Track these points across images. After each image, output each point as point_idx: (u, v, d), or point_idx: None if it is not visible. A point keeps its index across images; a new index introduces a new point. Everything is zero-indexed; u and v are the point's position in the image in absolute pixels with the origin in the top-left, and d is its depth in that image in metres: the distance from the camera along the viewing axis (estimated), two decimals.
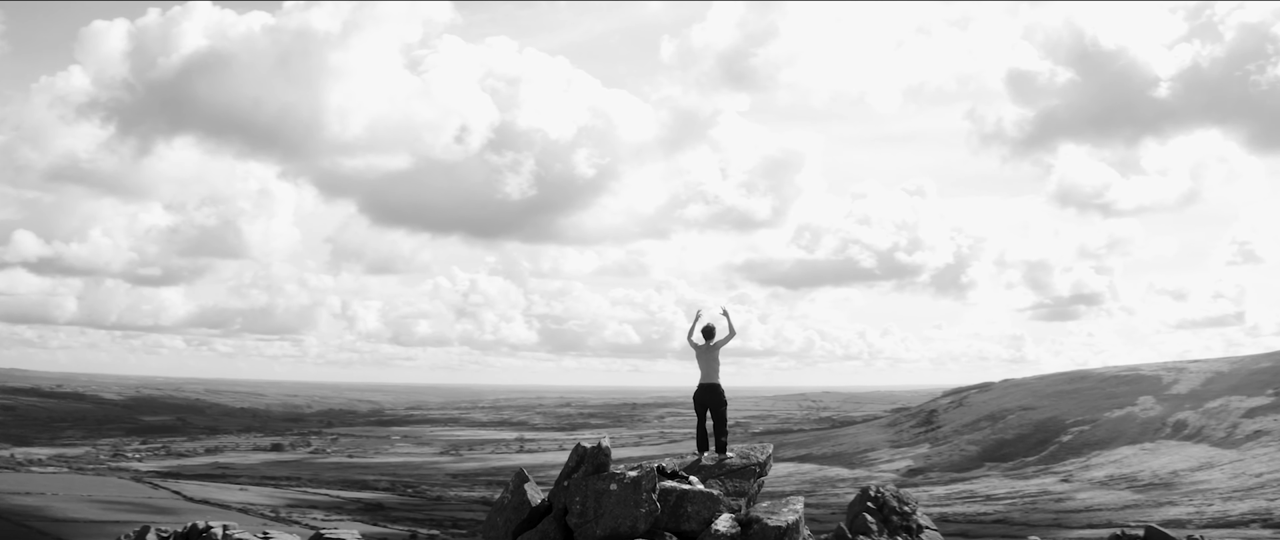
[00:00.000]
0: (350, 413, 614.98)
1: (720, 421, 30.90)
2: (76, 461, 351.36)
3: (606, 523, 25.92)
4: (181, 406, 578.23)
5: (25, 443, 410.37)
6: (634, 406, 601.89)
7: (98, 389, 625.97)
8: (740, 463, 29.28)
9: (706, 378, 30.92)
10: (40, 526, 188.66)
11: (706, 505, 26.32)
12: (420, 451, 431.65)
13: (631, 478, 26.62)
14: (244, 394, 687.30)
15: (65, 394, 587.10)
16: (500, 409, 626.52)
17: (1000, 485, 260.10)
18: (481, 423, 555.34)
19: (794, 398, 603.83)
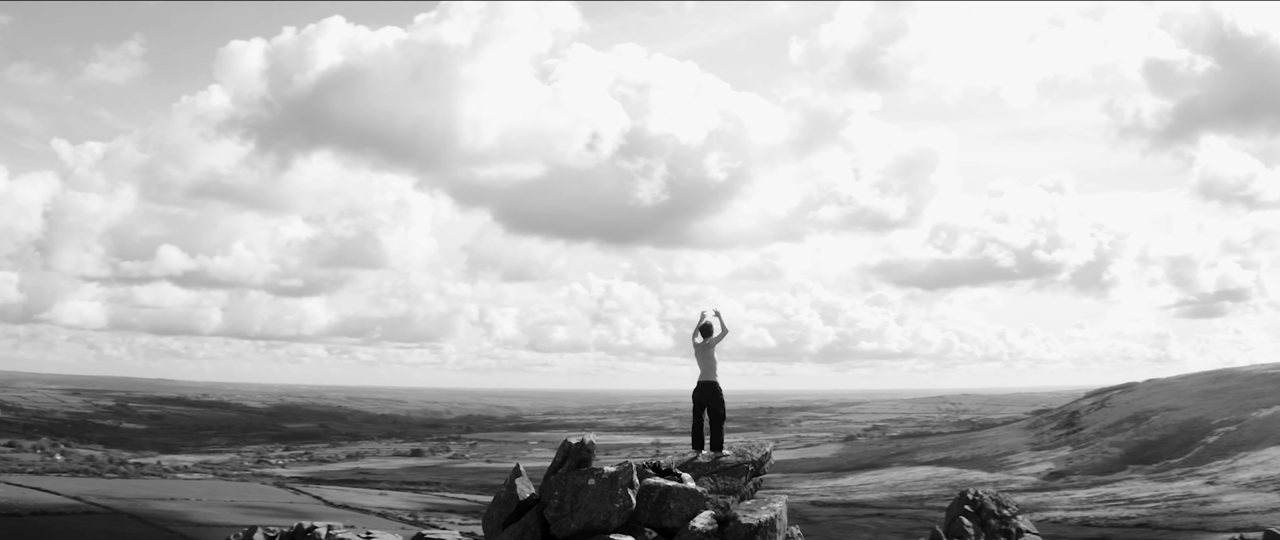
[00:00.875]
0: (488, 418, 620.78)
1: (716, 419, 30.33)
2: (221, 468, 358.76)
3: (581, 517, 25.77)
4: (323, 414, 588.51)
5: (172, 450, 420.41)
6: (770, 410, 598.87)
7: (242, 397, 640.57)
8: (735, 461, 29.00)
9: (704, 375, 30.28)
10: (182, 530, 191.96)
11: (689, 502, 25.96)
12: None
13: (608, 474, 26.35)
14: (384, 401, 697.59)
15: (211, 403, 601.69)
16: (637, 414, 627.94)
17: (1143, 488, 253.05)
18: (618, 427, 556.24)
19: (932, 400, 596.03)
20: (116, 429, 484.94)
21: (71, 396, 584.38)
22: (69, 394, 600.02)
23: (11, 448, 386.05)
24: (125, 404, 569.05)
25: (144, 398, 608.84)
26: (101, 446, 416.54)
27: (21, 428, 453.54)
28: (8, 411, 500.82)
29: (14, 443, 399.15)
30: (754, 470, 29.19)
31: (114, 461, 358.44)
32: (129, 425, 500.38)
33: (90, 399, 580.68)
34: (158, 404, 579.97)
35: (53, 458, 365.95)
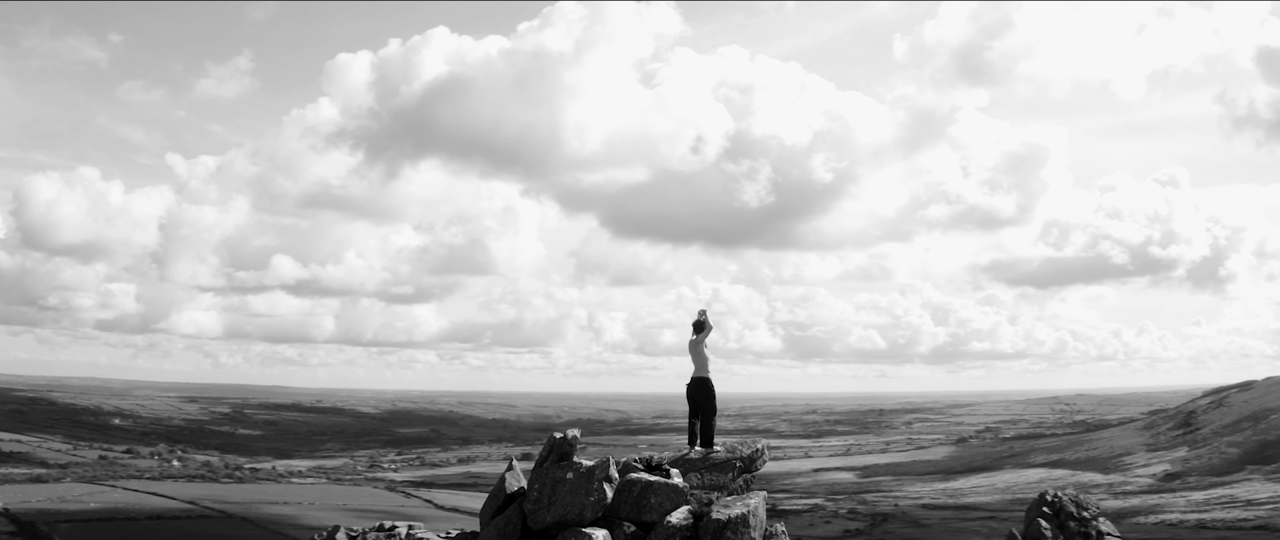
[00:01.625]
0: (598, 422, 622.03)
1: (706, 415, 29.97)
2: (334, 472, 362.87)
3: (557, 510, 25.84)
4: (435, 418, 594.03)
5: (287, 455, 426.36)
6: (881, 413, 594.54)
7: (355, 403, 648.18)
8: (724, 457, 28.72)
9: (696, 372, 30.02)
10: (292, 533, 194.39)
11: (669, 497, 25.86)
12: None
13: (586, 468, 26.50)
14: (495, 405, 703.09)
15: (325, 409, 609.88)
16: (745, 416, 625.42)
17: (1262, 489, 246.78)
18: (726, 431, 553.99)
19: (1046, 401, 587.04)
20: (232, 435, 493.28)
21: (188, 404, 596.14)
22: (186, 401, 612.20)
23: (130, 454, 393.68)
24: (241, 410, 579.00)
25: (259, 404, 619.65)
26: (218, 452, 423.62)
27: (140, 435, 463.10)
28: (126, 419, 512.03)
29: (132, 449, 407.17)
30: (744, 467, 28.68)
31: (230, 467, 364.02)
32: (245, 431, 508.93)
33: (207, 406, 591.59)
34: (273, 410, 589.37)
35: (170, 464, 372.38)
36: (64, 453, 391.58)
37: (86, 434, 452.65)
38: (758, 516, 24.97)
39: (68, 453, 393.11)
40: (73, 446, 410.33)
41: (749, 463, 28.90)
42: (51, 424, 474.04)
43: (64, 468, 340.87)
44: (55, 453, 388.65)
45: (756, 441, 29.75)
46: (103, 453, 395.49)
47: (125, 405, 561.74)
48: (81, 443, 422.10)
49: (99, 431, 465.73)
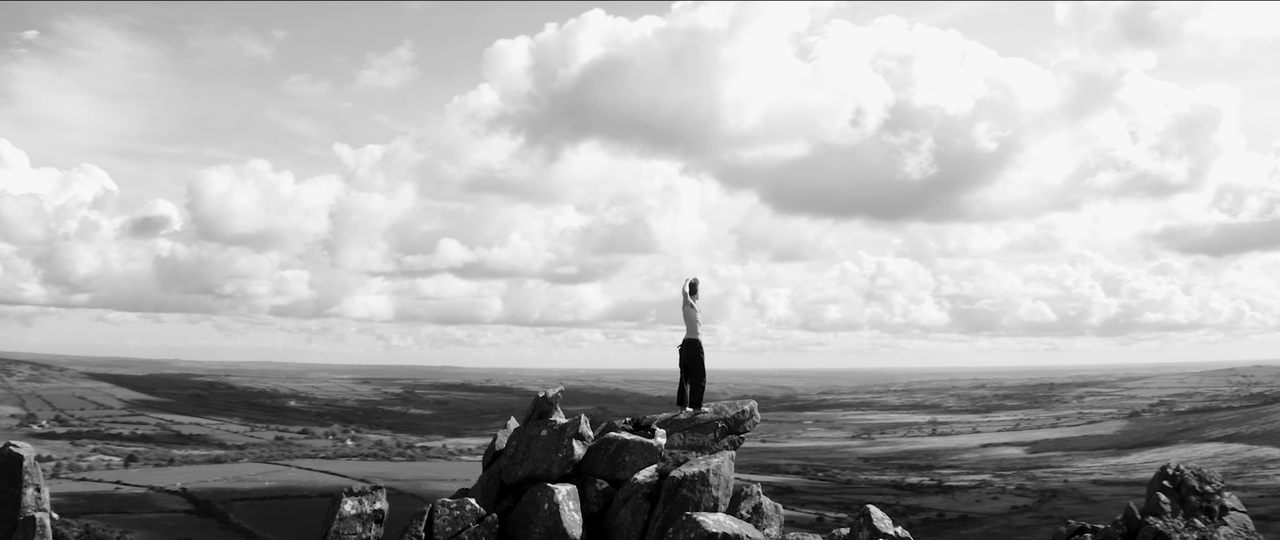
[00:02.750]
0: (763, 398, 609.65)
1: (695, 377, 30.29)
2: None
3: (528, 466, 25.93)
4: (602, 396, 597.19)
5: (457, 434, 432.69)
6: (1051, 387, 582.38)
7: (524, 382, 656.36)
8: (708, 418, 28.78)
9: (687, 333, 30.39)
10: None
11: (643, 456, 25.86)
12: (832, 436, 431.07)
13: (558, 426, 26.66)
14: (661, 382, 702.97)
15: (493, 388, 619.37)
16: (913, 392, 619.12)
17: None
18: (894, 406, 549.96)
19: (1222, 373, 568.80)
20: (404, 415, 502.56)
21: (361, 385, 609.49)
22: (359, 383, 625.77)
23: (305, 435, 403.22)
24: (412, 391, 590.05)
25: (430, 384, 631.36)
26: (390, 431, 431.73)
27: (314, 416, 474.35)
28: (301, 401, 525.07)
29: (307, 430, 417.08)
30: (728, 427, 28.64)
31: (402, 445, 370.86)
32: (416, 411, 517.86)
33: (379, 387, 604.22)
34: (443, 390, 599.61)
35: (344, 443, 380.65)
36: (241, 434, 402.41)
37: (263, 416, 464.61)
38: (720, 475, 24.79)
39: (245, 434, 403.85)
40: (250, 428, 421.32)
41: (734, 424, 28.87)
42: (229, 407, 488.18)
43: (241, 449, 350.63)
44: (233, 435, 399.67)
45: (743, 403, 29.69)
46: (278, 434, 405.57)
47: (300, 388, 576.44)
48: (258, 425, 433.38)
49: (275, 414, 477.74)
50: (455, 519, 23.96)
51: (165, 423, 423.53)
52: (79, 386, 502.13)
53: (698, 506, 23.78)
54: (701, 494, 24.23)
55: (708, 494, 24.32)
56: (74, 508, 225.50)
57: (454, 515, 24.04)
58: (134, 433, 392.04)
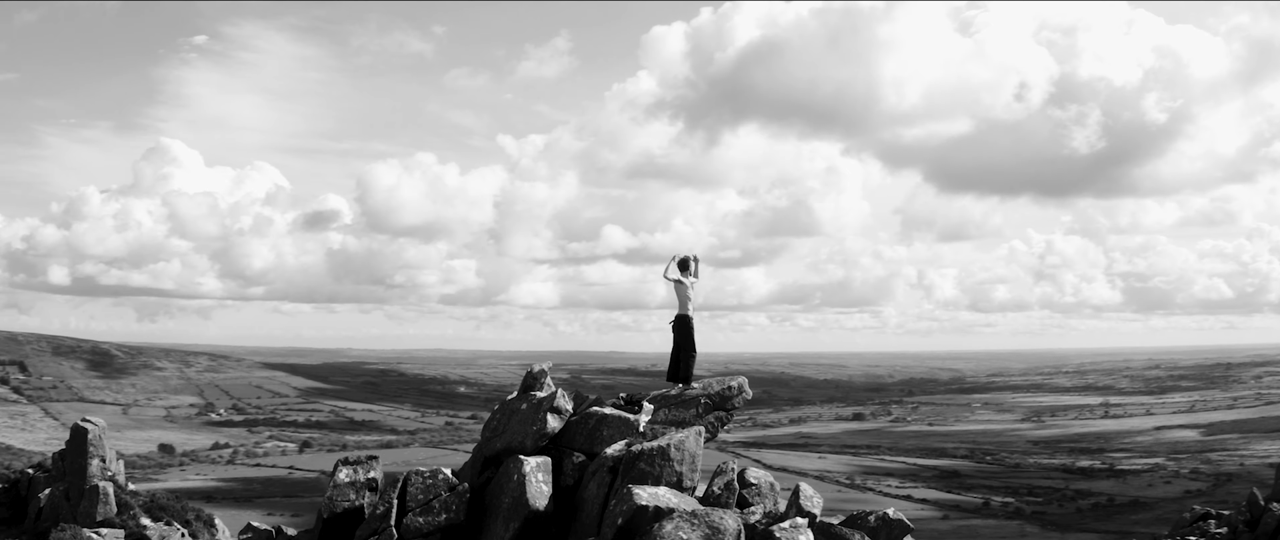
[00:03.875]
0: (931, 381, 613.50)
1: (684, 353, 29.78)
2: None
3: (505, 438, 26.33)
4: (767, 380, 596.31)
5: None
6: (1228, 367, 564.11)
7: None
8: (695, 393, 28.51)
9: (679, 309, 30.28)
10: None
11: (620, 430, 25.99)
12: (1001, 418, 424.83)
13: (536, 400, 26.80)
14: (826, 366, 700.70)
15: (658, 372, 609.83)
16: (1084, 373, 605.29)
17: None
18: (1064, 388, 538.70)
19: None
20: None
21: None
22: (527, 368, 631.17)
23: (474, 420, 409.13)
24: (579, 376, 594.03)
25: (597, 369, 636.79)
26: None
27: (483, 401, 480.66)
28: (471, 387, 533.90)
29: (476, 415, 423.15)
30: (713, 403, 28.31)
31: None
32: None
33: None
34: (609, 375, 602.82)
35: None
36: (412, 420, 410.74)
37: (433, 402, 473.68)
38: (683, 450, 24.43)
39: (416, 420, 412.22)
40: (421, 414, 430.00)
41: (720, 400, 28.47)
42: (401, 394, 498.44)
43: (412, 434, 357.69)
44: (404, 420, 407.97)
45: (731, 380, 29.25)
46: (448, 419, 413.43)
47: (470, 374, 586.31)
48: (429, 410, 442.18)
49: (445, 399, 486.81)
50: (427, 487, 24.65)
51: (339, 410, 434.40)
52: (255, 376, 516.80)
53: (658, 480, 23.66)
54: (662, 468, 24.00)
55: (669, 468, 24.09)
56: (247, 492, 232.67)
57: (426, 484, 24.74)
58: (308, 420, 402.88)
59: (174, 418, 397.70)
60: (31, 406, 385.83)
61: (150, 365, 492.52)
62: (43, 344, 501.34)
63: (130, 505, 32.73)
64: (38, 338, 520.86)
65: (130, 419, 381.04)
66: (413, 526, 23.88)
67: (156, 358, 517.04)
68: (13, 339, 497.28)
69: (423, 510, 24.21)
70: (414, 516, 24.03)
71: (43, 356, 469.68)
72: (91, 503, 32.57)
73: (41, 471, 37.54)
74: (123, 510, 32.21)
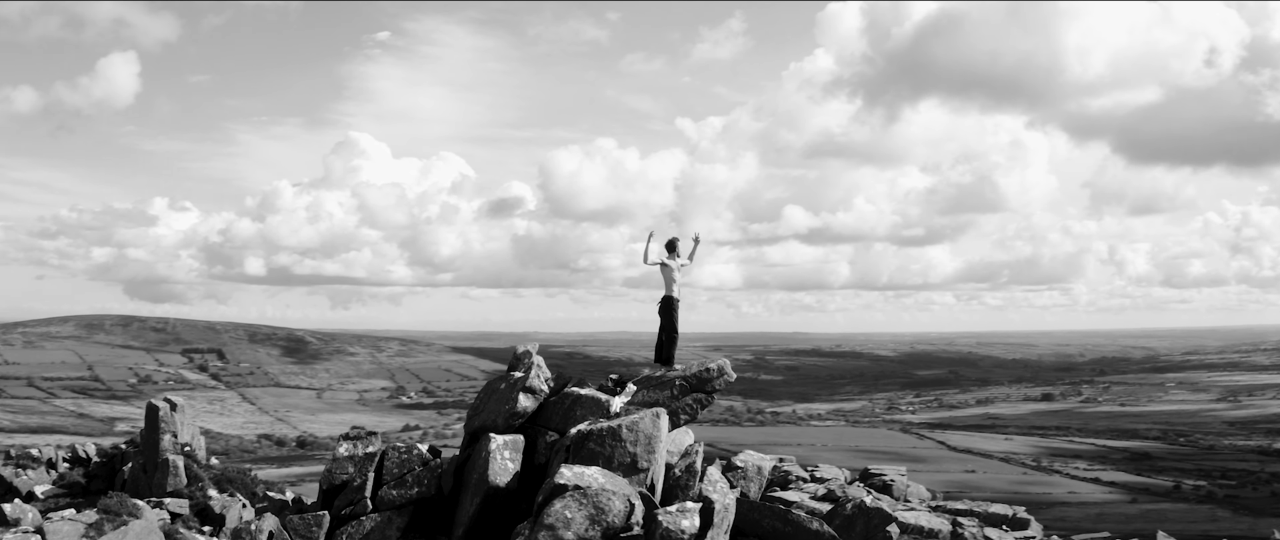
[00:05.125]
0: (1123, 360, 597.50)
1: (665, 333, 30.82)
2: (852, 415, 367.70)
3: (482, 417, 27.14)
4: (954, 360, 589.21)
5: (807, 399, 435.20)
6: None
7: (873, 347, 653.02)
8: (674, 375, 29.12)
9: (665, 291, 30.79)
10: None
11: (592, 410, 26.82)
12: (1195, 398, 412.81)
13: (513, 379, 27.58)
14: (1015, 345, 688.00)
15: (843, 353, 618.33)
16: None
17: None
18: (1263, 366, 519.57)
19: None
20: (755, 380, 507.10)
21: (713, 352, 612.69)
22: (711, 350, 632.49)
23: None
24: (763, 357, 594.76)
25: (780, 350, 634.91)
26: (740, 397, 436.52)
27: None
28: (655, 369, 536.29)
29: None
30: (690, 386, 28.68)
31: (752, 410, 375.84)
32: (767, 377, 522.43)
33: (730, 354, 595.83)
34: (793, 356, 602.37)
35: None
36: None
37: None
38: (637, 431, 24.69)
39: None
40: None
41: (698, 383, 28.81)
42: (586, 376, 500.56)
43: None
44: None
45: (711, 361, 29.61)
46: None
47: (650, 356, 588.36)
48: None
49: None
50: (402, 462, 25.69)
51: None
52: (444, 359, 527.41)
53: (609, 460, 24.07)
54: (613, 448, 24.39)
55: (621, 448, 24.43)
56: None
57: (402, 459, 25.78)
58: None
59: (366, 401, 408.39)
60: (230, 392, 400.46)
61: (343, 351, 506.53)
62: (240, 332, 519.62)
63: (200, 477, 35.15)
64: (235, 326, 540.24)
65: (324, 402, 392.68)
66: (386, 498, 24.96)
67: (349, 343, 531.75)
68: (211, 328, 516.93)
69: (396, 483, 25.21)
70: (388, 489, 25.06)
71: (240, 344, 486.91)
72: (163, 475, 35.74)
73: (132, 447, 40.34)
74: (192, 482, 34.84)
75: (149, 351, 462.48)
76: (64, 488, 39.30)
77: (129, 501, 24.98)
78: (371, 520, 24.97)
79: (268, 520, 25.36)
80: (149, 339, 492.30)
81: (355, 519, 25.11)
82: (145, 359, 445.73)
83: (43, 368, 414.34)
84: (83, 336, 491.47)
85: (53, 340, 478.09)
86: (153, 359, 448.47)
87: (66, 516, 24.84)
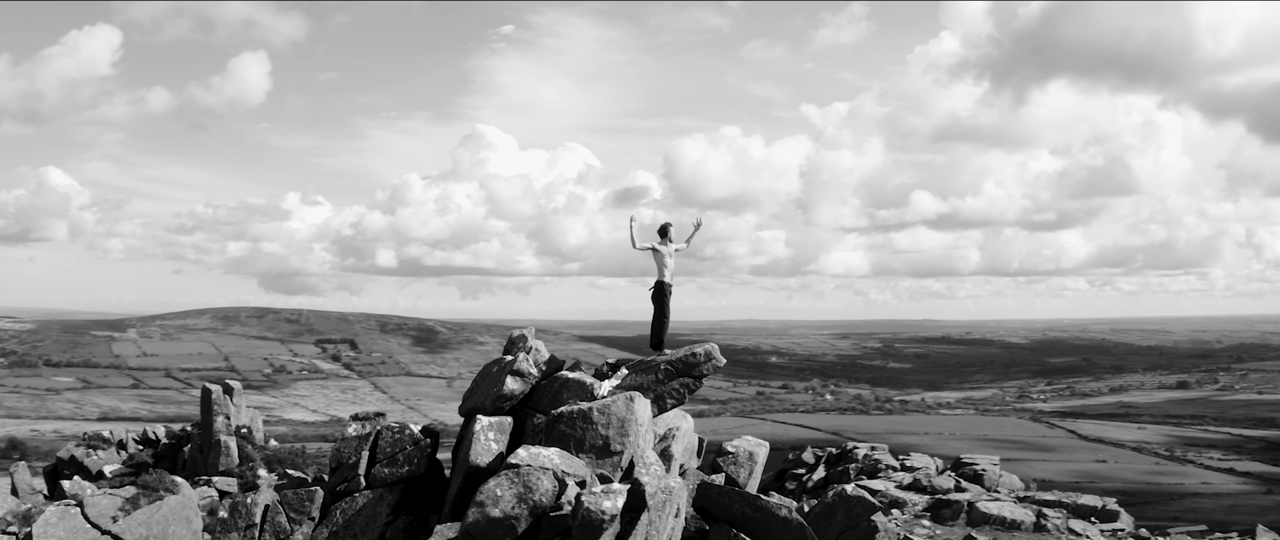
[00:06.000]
0: (1262, 346, 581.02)
1: (655, 317, 30.45)
2: (982, 404, 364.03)
3: (474, 399, 27.56)
4: (1086, 347, 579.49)
5: (936, 388, 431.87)
6: None
7: (1004, 334, 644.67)
8: (658, 361, 28.98)
9: (657, 276, 30.36)
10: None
11: (578, 394, 26.98)
12: None
13: (504, 363, 27.98)
14: (1150, 332, 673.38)
15: (973, 340, 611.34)
16: None
17: None
18: None
19: None
20: (883, 369, 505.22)
21: (841, 340, 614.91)
22: (838, 338, 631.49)
23: (785, 389, 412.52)
24: (891, 345, 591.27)
25: (909, 338, 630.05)
26: (868, 385, 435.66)
27: (795, 371, 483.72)
28: (782, 357, 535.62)
29: (788, 385, 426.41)
30: (675, 370, 28.68)
31: (880, 399, 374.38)
32: (895, 365, 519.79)
33: (858, 342, 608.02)
34: (922, 344, 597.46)
35: (823, 397, 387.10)
36: (724, 390, 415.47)
37: (745, 372, 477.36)
38: (609, 414, 25.09)
39: (728, 390, 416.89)
40: (732, 384, 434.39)
41: (684, 367, 28.75)
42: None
43: (723, 404, 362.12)
44: (716, 390, 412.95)
45: (697, 346, 29.47)
46: (760, 389, 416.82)
47: (781, 344, 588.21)
48: (741, 380, 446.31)
49: (757, 369, 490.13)
50: (395, 442, 26.53)
51: None
52: (572, 348, 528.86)
53: (581, 443, 24.66)
54: (584, 431, 24.88)
55: (592, 431, 24.90)
56: None
57: (395, 439, 26.62)
58: None
59: None
60: (361, 381, 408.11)
61: (473, 340, 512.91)
62: (371, 323, 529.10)
63: (252, 457, 37.00)
64: (367, 317, 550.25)
65: (454, 391, 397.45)
66: (379, 476, 25.95)
67: (479, 333, 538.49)
68: (344, 319, 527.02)
69: (388, 462, 26.15)
70: (381, 467, 26.04)
71: (371, 334, 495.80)
72: (216, 454, 38.08)
73: (196, 429, 42.56)
74: (244, 461, 36.86)
75: (283, 342, 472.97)
76: (132, 467, 40.73)
77: (168, 478, 26.03)
78: (364, 497, 25.92)
79: (264, 494, 26.31)
80: (283, 330, 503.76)
81: (349, 495, 26.08)
82: (279, 350, 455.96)
83: (180, 359, 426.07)
84: (219, 328, 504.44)
85: (190, 332, 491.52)
86: (287, 349, 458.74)
87: (107, 491, 26.12)
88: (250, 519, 25.27)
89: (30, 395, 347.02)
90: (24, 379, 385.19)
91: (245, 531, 25.09)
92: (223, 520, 25.20)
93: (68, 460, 44.50)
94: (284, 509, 25.65)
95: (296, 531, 25.35)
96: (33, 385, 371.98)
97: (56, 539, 24.56)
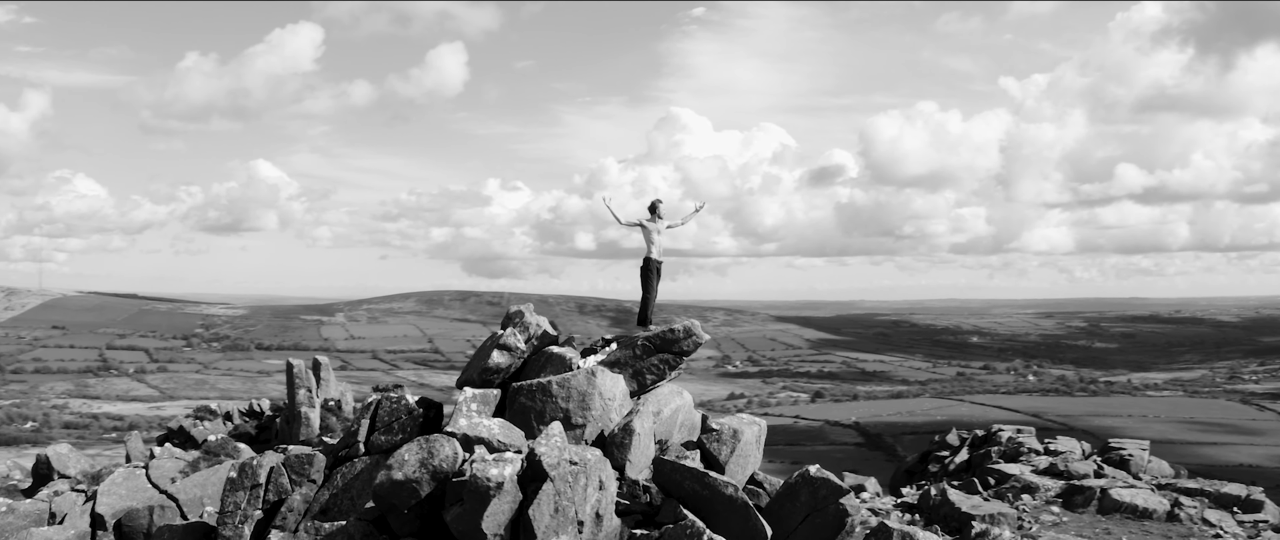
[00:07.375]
0: None
1: (643, 293, 31.22)
2: (1191, 385, 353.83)
3: (467, 372, 28.87)
4: None
5: (1143, 368, 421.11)
6: None
7: (1215, 312, 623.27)
8: (639, 337, 29.59)
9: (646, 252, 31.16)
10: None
11: (558, 367, 27.90)
12: None
13: (496, 337, 28.99)
14: None
15: (1182, 319, 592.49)
16: None
17: None
18: None
19: None
20: (1088, 348, 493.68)
21: (1044, 319, 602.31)
22: (1042, 317, 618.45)
23: (986, 370, 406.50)
24: (1097, 324, 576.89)
25: (1116, 317, 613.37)
26: (1073, 366, 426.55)
27: (996, 352, 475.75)
28: (983, 337, 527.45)
29: (989, 366, 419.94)
30: (654, 346, 29.27)
31: (1084, 380, 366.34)
32: (1101, 345, 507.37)
33: (1062, 321, 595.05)
34: (1129, 322, 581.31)
35: (1025, 378, 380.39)
36: (923, 370, 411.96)
37: (945, 352, 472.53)
38: (568, 388, 26.35)
39: (927, 370, 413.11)
40: (932, 364, 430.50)
41: (663, 343, 29.33)
42: (912, 344, 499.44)
43: (923, 384, 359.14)
44: (915, 371, 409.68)
45: (677, 322, 30.15)
46: (960, 370, 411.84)
47: (983, 323, 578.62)
48: (940, 361, 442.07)
49: (957, 350, 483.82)
50: (392, 411, 27.66)
51: (850, 361, 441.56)
52: (769, 329, 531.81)
53: (542, 415, 26.29)
54: (543, 403, 26.48)
55: (552, 404, 26.39)
56: None
57: (392, 409, 27.73)
58: (820, 370, 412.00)
59: (692, 370, 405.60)
60: None
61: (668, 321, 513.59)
62: (570, 305, 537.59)
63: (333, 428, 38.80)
64: (566, 299, 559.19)
65: None
66: (376, 443, 27.32)
67: (676, 314, 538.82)
68: (544, 301, 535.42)
69: (385, 430, 27.47)
70: (379, 435, 27.44)
71: (571, 316, 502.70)
72: (297, 425, 41.51)
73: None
74: (325, 431, 38.84)
75: (485, 324, 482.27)
76: (235, 436, 43.37)
77: (232, 445, 27.62)
78: (362, 462, 27.25)
79: (269, 457, 27.46)
80: (485, 312, 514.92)
81: (350, 461, 27.46)
82: (481, 332, 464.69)
83: (386, 341, 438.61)
84: (423, 311, 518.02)
85: (395, 316, 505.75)
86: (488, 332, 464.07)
87: (172, 454, 27.73)
88: (255, 479, 26.55)
89: (242, 378, 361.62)
90: (236, 362, 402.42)
91: (251, 491, 26.47)
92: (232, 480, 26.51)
93: (177, 430, 47.69)
94: (287, 471, 26.93)
95: (296, 492, 26.64)
96: (245, 368, 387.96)
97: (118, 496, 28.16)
